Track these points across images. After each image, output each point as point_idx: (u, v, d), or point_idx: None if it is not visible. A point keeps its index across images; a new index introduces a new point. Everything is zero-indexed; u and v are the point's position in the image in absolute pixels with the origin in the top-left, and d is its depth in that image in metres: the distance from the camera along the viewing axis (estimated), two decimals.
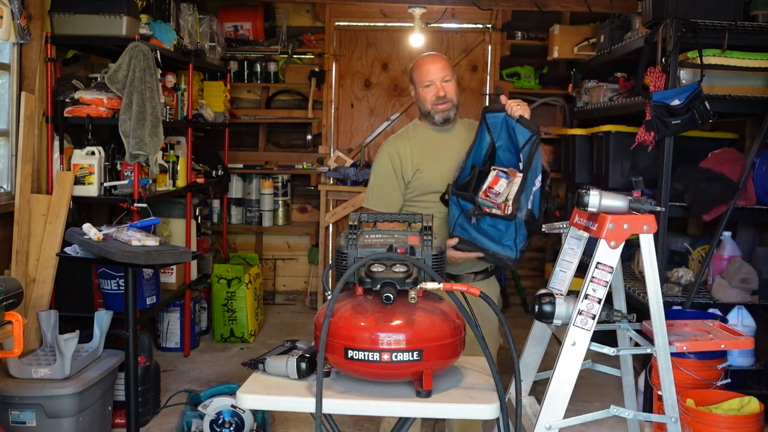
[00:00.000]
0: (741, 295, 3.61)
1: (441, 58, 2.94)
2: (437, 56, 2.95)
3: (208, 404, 3.34)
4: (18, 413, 3.13)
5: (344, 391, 2.05)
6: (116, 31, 3.92)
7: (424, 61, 2.93)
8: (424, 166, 2.88)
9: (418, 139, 2.94)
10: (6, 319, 2.55)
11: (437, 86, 2.86)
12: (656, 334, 2.18)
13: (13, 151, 3.82)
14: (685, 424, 2.96)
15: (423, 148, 2.91)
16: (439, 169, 2.87)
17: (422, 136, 2.95)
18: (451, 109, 2.89)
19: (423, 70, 2.89)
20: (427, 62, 2.91)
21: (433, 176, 2.87)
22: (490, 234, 2.64)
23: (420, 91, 2.90)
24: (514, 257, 2.66)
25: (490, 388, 2.08)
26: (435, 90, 2.86)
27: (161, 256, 2.98)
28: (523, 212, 2.59)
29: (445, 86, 2.87)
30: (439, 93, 2.85)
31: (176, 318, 4.91)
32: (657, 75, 3.66)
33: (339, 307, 2.06)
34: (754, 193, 3.70)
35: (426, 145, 2.92)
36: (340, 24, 6.25)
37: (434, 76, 2.86)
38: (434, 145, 2.92)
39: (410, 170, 2.89)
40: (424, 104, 2.90)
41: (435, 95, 2.86)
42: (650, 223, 2.14)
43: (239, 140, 6.29)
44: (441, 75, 2.86)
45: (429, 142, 2.93)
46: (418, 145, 2.92)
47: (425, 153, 2.90)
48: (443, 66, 2.89)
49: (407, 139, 2.95)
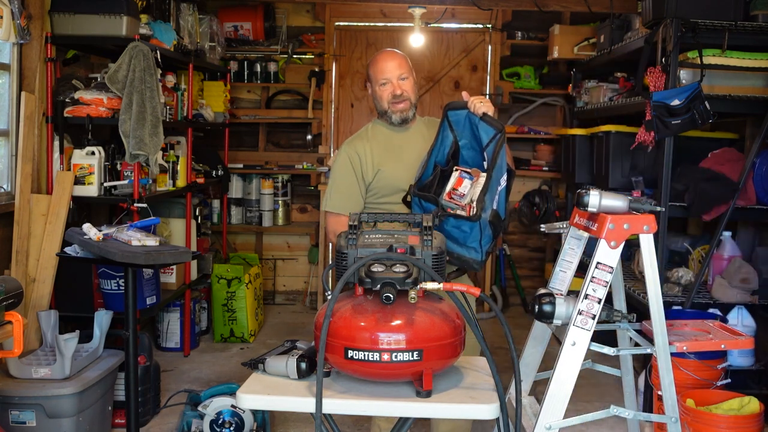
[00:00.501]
0: (741, 295, 3.61)
1: (397, 55, 2.83)
2: (394, 53, 2.85)
3: (208, 404, 3.34)
4: (18, 413, 3.13)
5: (344, 391, 2.05)
6: (116, 31, 3.92)
7: (380, 58, 2.82)
8: (385, 166, 2.81)
9: (377, 139, 2.87)
10: (6, 319, 2.55)
11: (393, 84, 2.78)
12: (656, 334, 2.18)
13: (13, 151, 3.82)
14: (685, 424, 2.96)
15: (383, 147, 2.85)
16: (400, 169, 2.80)
17: (381, 135, 2.88)
18: (409, 108, 2.82)
19: (378, 68, 2.80)
20: (383, 59, 2.81)
21: (395, 176, 2.80)
22: (453, 236, 2.54)
23: (376, 89, 2.82)
24: (480, 259, 2.54)
25: (490, 388, 2.08)
26: (391, 88, 2.78)
27: (161, 256, 2.98)
28: (488, 213, 2.49)
29: (402, 84, 2.78)
30: (395, 91, 2.78)
31: (176, 318, 4.91)
32: (657, 75, 3.67)
33: (339, 307, 2.06)
34: (754, 193, 3.70)
35: (385, 144, 2.85)
36: (340, 24, 6.25)
37: (390, 73, 2.78)
38: (394, 145, 2.85)
39: (371, 171, 2.81)
40: (381, 103, 2.82)
41: (391, 93, 2.79)
42: (650, 223, 2.14)
43: (239, 140, 6.29)
44: (397, 72, 2.78)
45: (389, 141, 2.86)
46: (378, 145, 2.85)
47: (385, 153, 2.84)
48: (399, 63, 2.79)
49: (366, 139, 2.87)
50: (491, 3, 5.95)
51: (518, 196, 6.19)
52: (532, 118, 6.31)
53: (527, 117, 6.30)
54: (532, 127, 6.21)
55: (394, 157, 2.83)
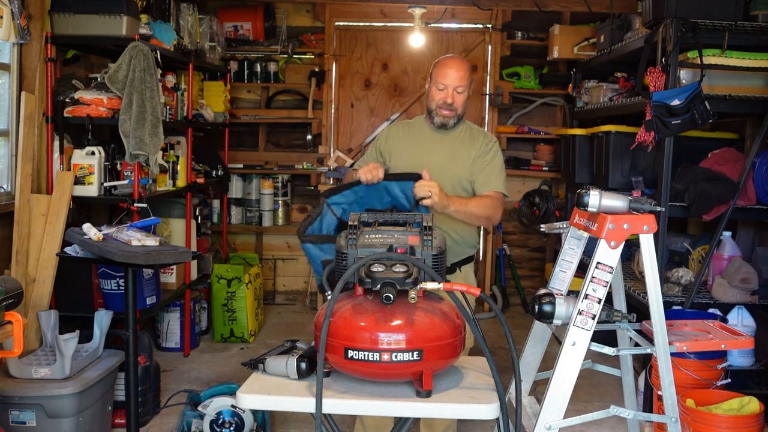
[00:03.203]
0: (741, 295, 3.61)
1: (464, 67, 2.98)
2: (462, 63, 3.00)
3: (208, 404, 3.34)
4: (18, 413, 3.13)
5: (344, 391, 2.05)
6: (116, 31, 3.92)
7: (448, 63, 2.98)
8: (396, 153, 3.01)
9: (412, 128, 3.09)
10: (6, 319, 2.55)
11: (448, 92, 2.94)
12: (656, 334, 2.18)
13: (13, 151, 3.82)
14: (685, 424, 2.96)
15: (409, 135, 3.05)
16: (410, 155, 2.98)
17: (418, 129, 3.08)
18: (453, 117, 2.98)
19: (443, 72, 2.95)
20: (449, 65, 2.97)
21: (402, 159, 2.97)
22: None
23: (432, 89, 2.99)
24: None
25: (490, 388, 2.08)
26: (445, 95, 2.94)
27: (161, 256, 2.98)
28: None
29: (456, 96, 2.94)
30: (448, 99, 2.94)
31: (176, 318, 4.91)
32: (657, 75, 3.67)
33: (339, 307, 2.06)
34: (754, 193, 3.70)
35: (414, 135, 3.05)
36: (340, 24, 6.25)
37: (450, 81, 2.93)
38: (420, 140, 3.03)
39: (387, 150, 3.05)
40: (431, 102, 2.99)
41: (443, 99, 2.94)
42: (650, 223, 2.14)
43: (239, 140, 6.29)
44: (456, 83, 2.94)
45: (419, 134, 3.05)
46: (408, 132, 3.07)
47: (407, 139, 3.04)
48: (462, 76, 2.94)
49: (404, 126, 3.13)
50: (491, 3, 5.95)
51: (518, 196, 6.19)
52: (532, 118, 6.31)
53: (527, 117, 6.30)
54: (532, 127, 6.21)
55: (409, 150, 3.00)
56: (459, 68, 2.95)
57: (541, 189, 6.06)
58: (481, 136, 3.06)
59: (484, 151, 3.00)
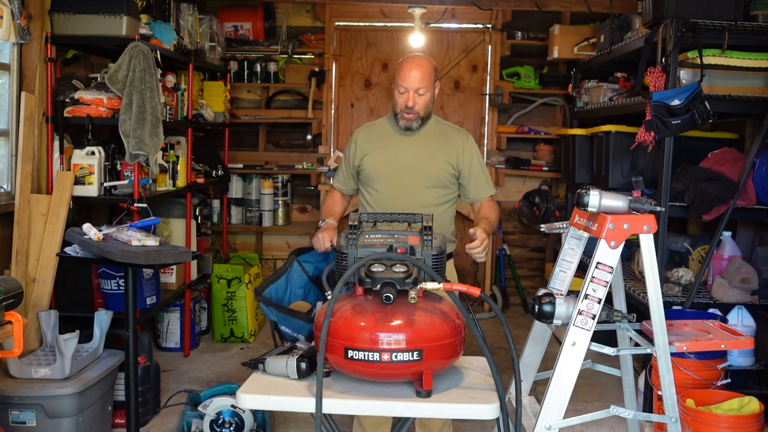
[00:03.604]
0: (741, 295, 3.61)
1: (423, 67, 2.87)
2: (421, 63, 2.88)
3: (208, 404, 3.34)
4: (18, 413, 3.13)
5: (344, 391, 2.05)
6: (116, 31, 3.92)
7: (407, 65, 2.87)
8: (372, 153, 2.97)
9: (380, 129, 3.03)
10: (6, 319, 2.55)
11: (409, 96, 2.85)
12: (656, 334, 2.18)
13: (13, 151, 3.82)
14: (685, 424, 2.96)
15: (377, 138, 3.00)
16: (381, 159, 2.94)
17: (384, 129, 3.02)
18: (416, 120, 2.90)
19: (402, 75, 2.86)
20: (408, 67, 2.86)
21: (375, 166, 2.94)
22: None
23: (395, 92, 2.91)
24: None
25: (490, 388, 2.08)
26: (406, 98, 2.86)
27: (161, 256, 2.98)
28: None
29: (417, 99, 2.86)
30: (408, 103, 2.86)
31: (176, 318, 4.91)
32: (657, 75, 3.67)
33: (339, 307, 2.06)
34: (754, 193, 3.70)
35: (382, 137, 3.00)
36: (340, 24, 6.25)
37: (410, 84, 2.84)
38: (389, 140, 2.98)
39: (359, 156, 2.99)
40: (395, 106, 2.93)
41: (404, 104, 2.87)
42: (650, 223, 2.14)
43: (239, 140, 6.29)
44: (417, 85, 2.84)
45: (387, 136, 3.00)
46: (376, 135, 3.02)
47: (376, 143, 2.99)
48: (423, 77, 2.84)
49: (370, 128, 3.07)
50: (491, 3, 5.95)
51: (518, 196, 6.19)
52: (532, 118, 6.31)
53: (527, 117, 6.30)
54: (532, 127, 6.21)
55: (382, 147, 2.96)
56: (419, 69, 2.85)
57: (541, 189, 6.06)
58: (455, 133, 3.00)
59: (467, 154, 2.95)
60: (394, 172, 2.92)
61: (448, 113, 6.34)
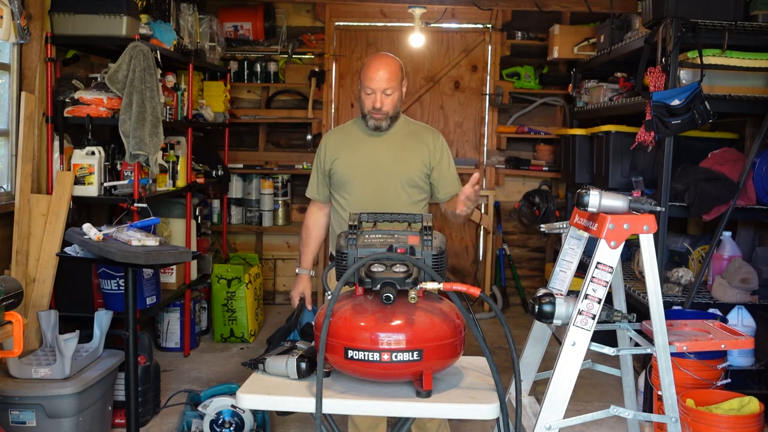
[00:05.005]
0: (741, 295, 3.61)
1: (389, 66, 2.84)
2: (386, 63, 2.85)
3: (208, 404, 3.34)
4: (18, 413, 3.13)
5: (344, 391, 2.05)
6: (116, 31, 3.92)
7: (372, 66, 2.84)
8: (341, 156, 2.94)
9: (349, 132, 3.01)
10: (6, 319, 2.55)
11: (376, 97, 2.83)
12: (656, 334, 2.18)
13: (13, 151, 3.82)
14: (685, 424, 2.96)
15: (347, 141, 2.98)
16: (353, 162, 2.92)
17: (354, 132, 3.00)
18: (385, 120, 2.88)
19: (368, 76, 2.83)
20: (374, 68, 2.83)
21: (345, 166, 2.92)
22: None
23: (361, 93, 2.90)
24: None
25: (490, 388, 2.08)
26: (373, 100, 2.84)
27: (161, 256, 2.98)
28: None
29: (385, 99, 2.83)
30: (376, 104, 2.84)
31: (176, 318, 4.91)
32: (657, 75, 3.67)
33: (339, 307, 2.06)
34: (754, 193, 3.71)
35: (352, 140, 2.98)
36: (340, 24, 6.25)
37: (377, 85, 2.81)
38: (359, 142, 2.96)
39: (329, 161, 2.97)
40: (362, 107, 2.91)
41: (372, 105, 2.85)
42: (650, 223, 2.14)
43: (239, 140, 6.29)
44: (383, 86, 2.81)
45: (357, 138, 2.97)
46: (345, 138, 2.99)
47: (346, 146, 2.96)
48: (389, 76, 2.82)
49: (340, 132, 3.05)
50: (491, 3, 5.95)
51: (518, 196, 6.19)
52: (532, 118, 6.31)
53: (527, 117, 6.30)
54: (532, 127, 6.21)
55: (354, 152, 2.94)
56: (385, 69, 2.82)
57: (541, 189, 6.06)
58: (426, 132, 2.98)
59: (438, 152, 2.94)
60: (366, 175, 2.90)
61: (448, 113, 6.34)
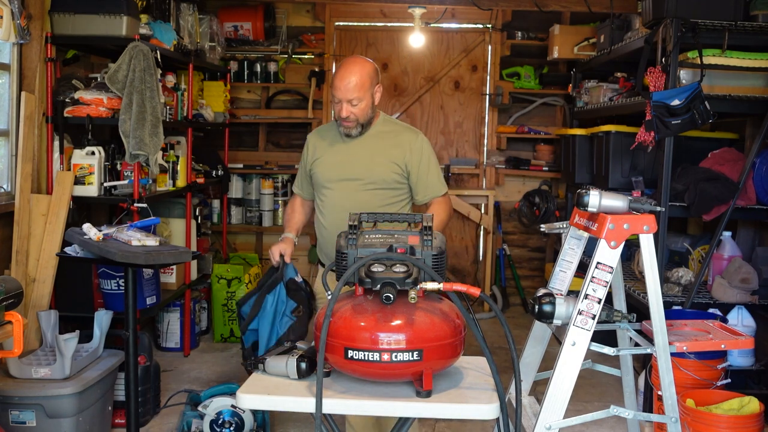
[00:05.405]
0: (741, 295, 3.61)
1: (355, 75, 2.77)
2: (352, 72, 2.78)
3: (208, 404, 3.34)
4: (18, 413, 3.13)
5: (344, 391, 2.05)
6: (116, 31, 3.92)
7: (339, 74, 2.80)
8: (320, 156, 2.96)
9: (327, 134, 3.01)
10: (6, 319, 2.55)
11: (342, 106, 2.80)
12: (656, 334, 2.18)
13: (13, 151, 3.82)
14: (685, 424, 2.96)
15: (325, 142, 2.98)
16: (329, 164, 2.93)
17: (332, 133, 2.99)
18: (354, 127, 2.85)
19: (335, 84, 2.80)
20: (341, 77, 2.78)
21: (322, 168, 2.94)
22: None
23: (332, 100, 2.89)
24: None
25: (490, 388, 2.08)
26: (339, 109, 2.82)
27: (161, 256, 2.98)
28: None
29: (352, 108, 2.79)
30: (342, 114, 2.81)
31: (176, 318, 4.91)
32: (657, 75, 3.67)
33: (339, 307, 2.06)
34: (754, 193, 3.71)
35: (329, 142, 2.97)
36: (340, 24, 6.25)
37: (342, 95, 2.78)
38: (335, 145, 2.95)
39: (310, 161, 3.00)
40: (333, 113, 2.91)
41: (339, 114, 2.83)
42: (650, 223, 2.14)
43: (239, 140, 6.29)
44: (348, 96, 2.77)
45: (334, 141, 2.97)
46: (324, 139, 3.00)
47: (324, 147, 2.98)
48: (354, 86, 2.76)
49: (320, 133, 3.06)
50: (491, 3, 5.95)
51: (518, 196, 6.19)
52: (532, 118, 6.31)
53: (527, 117, 6.30)
54: (532, 127, 6.21)
55: (331, 155, 2.95)
56: (351, 78, 2.76)
57: (541, 189, 6.07)
58: (405, 133, 2.94)
59: (416, 154, 2.89)
60: (339, 178, 2.91)
61: (448, 113, 6.34)
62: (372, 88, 2.83)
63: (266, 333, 2.77)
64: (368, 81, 2.80)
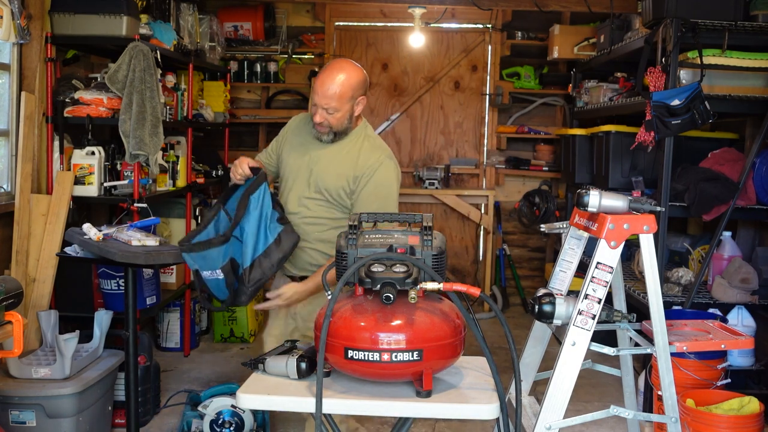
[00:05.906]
0: (741, 295, 3.61)
1: (337, 85, 2.64)
2: (335, 80, 2.65)
3: (208, 404, 3.34)
4: (18, 413, 3.13)
5: (344, 391, 2.05)
6: (116, 31, 3.92)
7: (321, 79, 2.67)
8: (287, 147, 2.89)
9: (303, 128, 2.89)
10: (6, 319, 2.55)
11: (317, 110, 2.69)
12: (656, 334, 2.18)
13: (13, 151, 3.82)
14: (685, 424, 2.96)
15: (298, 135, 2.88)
16: (290, 160, 2.85)
17: (308, 129, 2.85)
18: (327, 133, 2.74)
19: (315, 88, 2.69)
20: (321, 82, 2.66)
21: (284, 160, 2.88)
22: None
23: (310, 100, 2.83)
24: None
25: (490, 388, 2.08)
26: (314, 112, 2.72)
27: (161, 256, 2.98)
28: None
29: (326, 116, 2.68)
30: (315, 118, 2.70)
31: (176, 318, 4.91)
32: (657, 75, 3.67)
33: (339, 307, 2.06)
34: (754, 193, 3.71)
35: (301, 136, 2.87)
36: (340, 24, 6.26)
37: (319, 101, 2.67)
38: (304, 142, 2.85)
39: (281, 144, 2.93)
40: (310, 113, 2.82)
41: (313, 116, 2.73)
42: (650, 223, 2.14)
43: (239, 140, 6.29)
44: (325, 104, 2.66)
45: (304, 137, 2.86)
46: (299, 132, 2.89)
47: (295, 140, 2.88)
48: (333, 95, 2.64)
49: (300, 122, 2.93)
50: (491, 3, 5.95)
51: (518, 196, 6.19)
52: (532, 118, 6.31)
53: (527, 117, 6.30)
54: (532, 127, 6.22)
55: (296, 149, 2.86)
56: (330, 85, 2.63)
57: (541, 189, 6.07)
58: (371, 155, 2.75)
59: (366, 179, 2.72)
60: (292, 175, 2.83)
61: (448, 113, 6.34)
62: (353, 100, 2.70)
63: (252, 240, 2.56)
64: (349, 92, 2.67)
